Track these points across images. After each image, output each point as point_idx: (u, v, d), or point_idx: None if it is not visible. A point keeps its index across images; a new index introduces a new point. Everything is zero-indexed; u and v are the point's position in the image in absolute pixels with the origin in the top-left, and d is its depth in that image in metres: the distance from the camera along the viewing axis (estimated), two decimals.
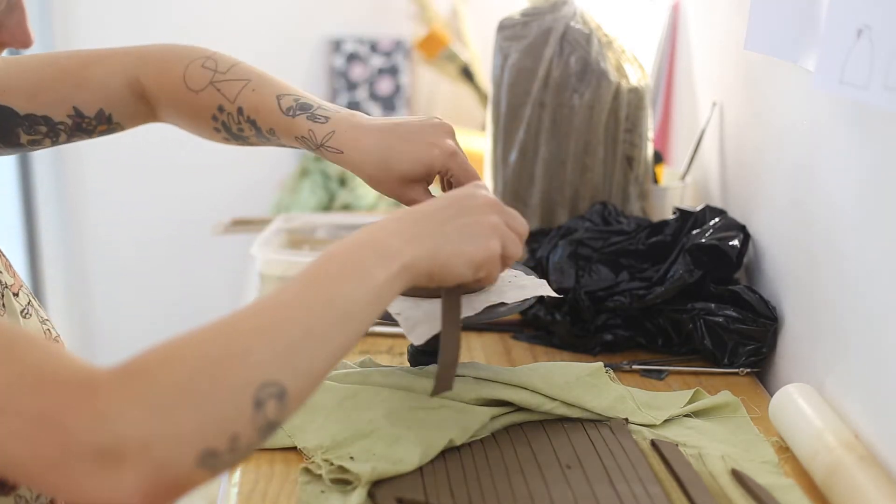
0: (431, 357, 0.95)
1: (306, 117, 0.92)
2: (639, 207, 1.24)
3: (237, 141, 0.99)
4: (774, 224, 1.07)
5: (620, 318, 1.09)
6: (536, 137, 1.21)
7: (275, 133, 0.94)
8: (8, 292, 0.82)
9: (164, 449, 0.55)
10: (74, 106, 0.95)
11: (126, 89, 0.97)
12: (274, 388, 0.59)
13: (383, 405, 0.86)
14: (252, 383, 0.58)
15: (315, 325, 0.63)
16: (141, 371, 0.57)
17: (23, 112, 0.93)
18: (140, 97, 0.98)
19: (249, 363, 0.59)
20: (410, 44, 2.35)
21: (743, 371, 1.03)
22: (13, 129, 0.93)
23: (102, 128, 0.98)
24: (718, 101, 1.28)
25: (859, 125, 0.86)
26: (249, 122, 0.95)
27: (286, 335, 0.61)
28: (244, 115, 0.95)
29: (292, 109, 0.93)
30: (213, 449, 0.56)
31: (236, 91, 0.94)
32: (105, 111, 0.96)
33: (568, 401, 0.89)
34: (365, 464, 0.79)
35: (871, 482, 0.75)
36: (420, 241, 0.71)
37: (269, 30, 2.37)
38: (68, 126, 0.95)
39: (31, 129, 0.94)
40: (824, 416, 0.84)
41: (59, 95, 0.94)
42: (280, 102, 0.93)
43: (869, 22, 0.76)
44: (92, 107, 0.96)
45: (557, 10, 1.22)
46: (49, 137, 0.95)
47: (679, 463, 0.83)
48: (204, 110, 0.96)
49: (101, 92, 0.96)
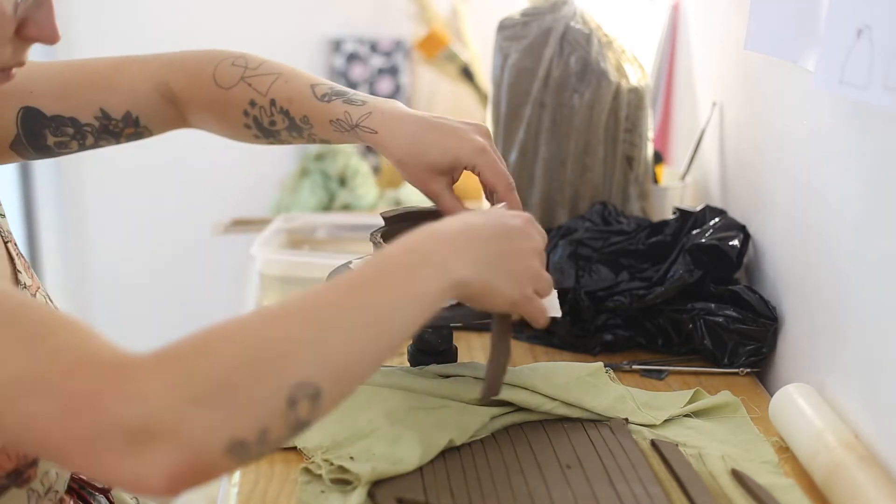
0: (431, 357, 0.96)
1: (342, 101, 0.93)
2: (639, 207, 1.24)
3: (267, 138, 0.98)
4: (774, 224, 1.07)
5: (620, 318, 1.09)
6: (536, 137, 1.21)
7: (308, 120, 0.94)
8: (26, 292, 0.83)
9: (194, 434, 0.55)
10: (101, 108, 0.95)
11: (155, 93, 0.97)
12: (310, 388, 0.59)
13: (383, 405, 0.86)
14: (288, 382, 0.59)
15: (360, 333, 0.62)
16: (178, 357, 0.57)
17: (50, 113, 0.94)
18: (169, 101, 0.98)
19: (288, 363, 0.59)
20: (410, 44, 2.35)
21: (743, 371, 1.03)
22: (40, 130, 0.94)
23: (129, 131, 0.98)
24: (718, 101, 1.28)
25: (859, 125, 0.86)
26: (282, 113, 0.95)
27: (329, 340, 0.61)
28: (277, 107, 0.95)
29: (327, 95, 0.94)
30: (242, 439, 0.57)
31: (268, 84, 0.95)
32: (132, 114, 0.97)
33: (568, 401, 0.89)
34: (365, 464, 0.79)
35: (871, 482, 0.75)
36: (474, 264, 0.70)
37: (269, 30, 2.37)
38: (95, 128, 0.96)
39: (58, 131, 0.95)
40: (824, 416, 0.84)
41: (85, 97, 0.95)
42: (314, 90, 0.94)
43: (869, 22, 0.76)
44: (119, 109, 0.96)
45: (557, 10, 1.22)
46: (76, 139, 0.96)
47: (679, 463, 0.83)
48: (235, 107, 0.96)
49: (129, 95, 0.96)
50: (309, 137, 0.97)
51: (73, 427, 0.55)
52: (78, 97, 0.95)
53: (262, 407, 0.58)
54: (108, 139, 0.98)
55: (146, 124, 0.99)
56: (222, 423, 0.56)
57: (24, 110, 0.93)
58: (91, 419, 0.54)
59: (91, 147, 0.98)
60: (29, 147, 0.95)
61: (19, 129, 0.93)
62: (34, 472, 0.76)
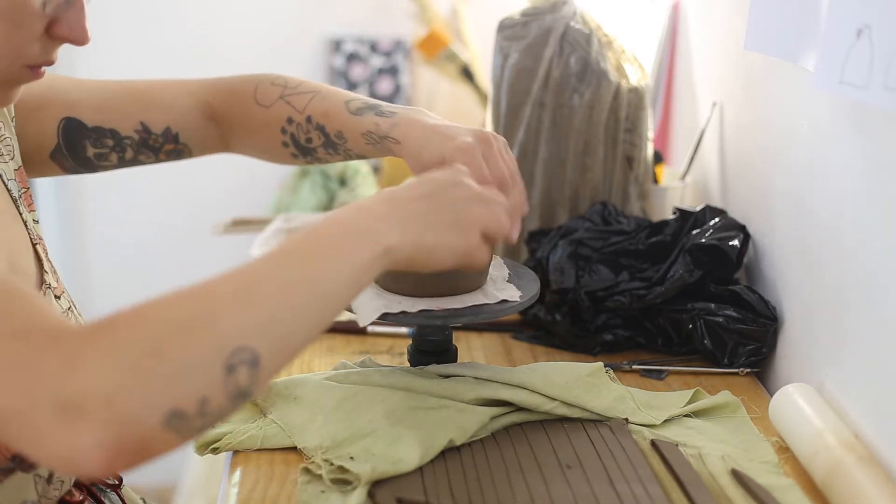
0: (431, 357, 0.96)
1: (374, 114, 0.95)
2: (639, 207, 1.24)
3: (305, 157, 1.00)
4: (774, 224, 1.07)
5: (620, 318, 1.09)
6: (536, 137, 1.21)
7: (343, 136, 0.96)
8: (50, 293, 0.84)
9: (128, 404, 0.54)
10: (142, 121, 0.97)
11: (196, 111, 1.00)
12: (246, 354, 0.59)
13: (383, 405, 0.86)
14: (224, 348, 0.58)
15: (293, 300, 0.63)
16: (110, 327, 0.57)
17: (90, 124, 0.96)
18: (210, 119, 1.00)
19: (221, 328, 0.59)
20: (410, 44, 2.35)
21: (743, 371, 1.03)
22: (80, 140, 0.96)
23: (169, 147, 0.99)
24: (718, 101, 1.28)
25: (859, 125, 0.86)
26: (318, 129, 0.97)
27: (262, 306, 0.61)
28: (313, 123, 0.97)
29: (360, 109, 0.95)
30: (180, 410, 0.56)
31: (305, 101, 0.97)
32: (172, 129, 0.99)
33: (568, 401, 0.89)
34: (365, 464, 0.79)
35: (871, 482, 0.75)
36: (404, 227, 0.71)
37: (269, 30, 2.37)
38: (135, 141, 0.98)
39: (98, 142, 0.96)
40: (824, 416, 0.84)
41: (126, 110, 0.97)
42: (348, 105, 0.96)
43: (869, 22, 0.76)
44: (160, 124, 0.98)
45: (557, 10, 1.22)
46: (115, 151, 0.97)
47: (679, 463, 0.83)
48: (273, 124, 0.98)
49: (170, 110, 0.99)
50: (345, 153, 0.98)
51: (11, 393, 0.54)
52: (118, 109, 0.97)
53: (198, 374, 0.57)
54: (148, 154, 0.99)
55: (186, 142, 1.00)
56: (157, 393, 0.55)
57: (66, 121, 0.95)
58: (24, 386, 0.54)
59: (130, 162, 0.99)
60: (69, 157, 0.96)
61: (60, 139, 0.95)
62: None
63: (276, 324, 0.61)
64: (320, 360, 1.06)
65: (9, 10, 0.71)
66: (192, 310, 0.59)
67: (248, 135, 1.01)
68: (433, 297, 0.89)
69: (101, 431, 0.53)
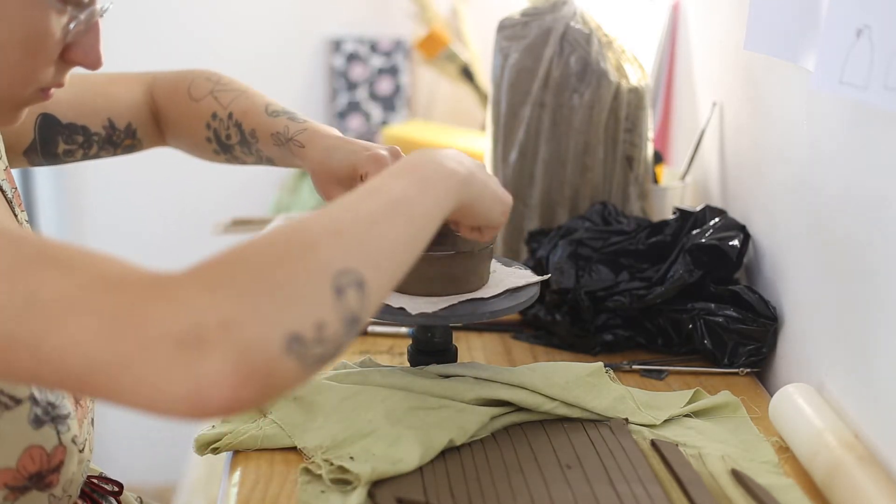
0: (431, 357, 0.96)
1: (287, 118, 0.99)
2: (639, 207, 1.24)
3: (224, 154, 1.04)
4: (774, 224, 1.07)
5: (620, 318, 1.09)
6: (536, 137, 1.21)
7: (255, 134, 1.00)
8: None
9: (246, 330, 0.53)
10: (109, 117, 1.01)
11: (146, 105, 1.04)
12: (352, 275, 0.59)
13: (383, 405, 0.86)
14: (329, 270, 0.58)
15: (387, 223, 0.64)
16: (209, 266, 0.56)
17: (65, 121, 0.99)
18: (153, 115, 1.05)
19: (322, 254, 0.59)
20: (410, 44, 2.35)
21: (743, 371, 1.03)
22: (54, 136, 0.98)
23: (128, 142, 1.04)
24: (718, 101, 1.28)
25: (859, 125, 0.86)
26: (236, 126, 1.01)
27: (358, 230, 0.62)
28: (233, 119, 1.01)
29: (276, 112, 1.00)
30: (298, 334, 0.55)
31: (230, 99, 1.01)
32: (132, 125, 1.03)
33: (568, 401, 0.89)
34: (365, 464, 0.79)
35: (871, 482, 0.75)
36: (471, 173, 0.77)
37: (269, 30, 2.37)
38: (101, 137, 1.01)
39: (69, 139, 0.99)
40: (824, 416, 0.84)
41: (96, 106, 1.00)
42: (267, 108, 1.00)
43: (869, 22, 0.76)
44: (123, 120, 1.02)
45: (557, 10, 1.22)
46: (82, 148, 1.00)
47: (679, 463, 0.83)
48: (200, 118, 1.02)
49: (131, 106, 1.03)
50: (257, 154, 1.02)
51: (119, 342, 0.52)
52: (89, 105, 1.00)
53: (309, 297, 0.56)
54: (108, 149, 1.03)
55: (141, 137, 1.05)
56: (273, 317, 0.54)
57: (42, 117, 0.97)
58: (136, 332, 0.52)
59: (93, 157, 1.02)
60: (40, 153, 0.98)
61: (36, 134, 0.97)
62: (56, 477, 0.77)
63: (373, 245, 0.62)
64: None
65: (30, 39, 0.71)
66: (291, 241, 0.59)
67: (179, 128, 1.04)
68: (434, 296, 0.89)
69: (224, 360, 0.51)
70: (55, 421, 0.76)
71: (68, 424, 0.77)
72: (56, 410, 0.76)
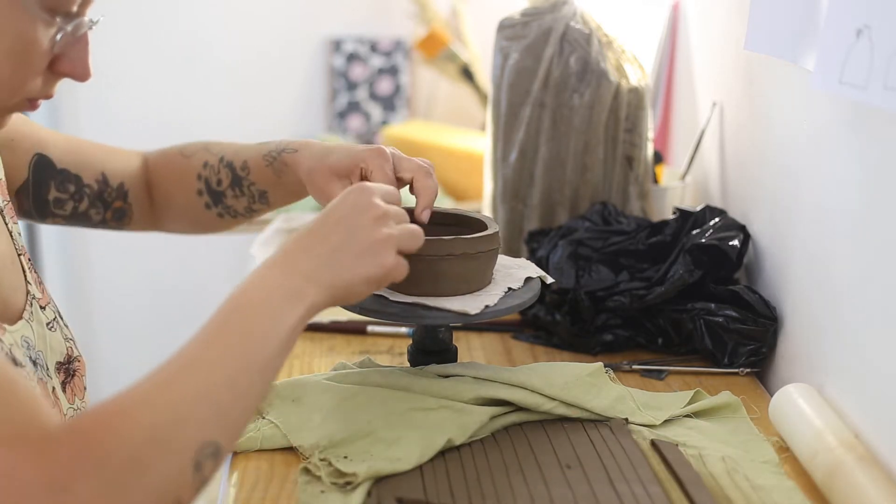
0: (431, 357, 0.96)
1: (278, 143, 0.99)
2: (639, 207, 1.24)
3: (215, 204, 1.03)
4: (774, 224, 1.07)
5: (620, 318, 1.09)
6: (536, 137, 1.21)
7: (246, 166, 1.00)
8: (36, 303, 0.84)
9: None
10: (103, 171, 1.02)
11: (140, 173, 1.05)
12: (211, 447, 0.62)
13: (382, 406, 0.86)
14: (193, 446, 0.61)
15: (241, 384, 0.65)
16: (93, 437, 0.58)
17: (59, 166, 0.98)
18: (147, 185, 1.06)
19: (189, 427, 0.61)
20: (410, 44, 2.35)
21: (743, 371, 1.03)
22: (47, 180, 0.98)
23: (118, 204, 1.03)
24: (718, 101, 1.28)
25: (859, 125, 0.86)
26: (227, 167, 1.01)
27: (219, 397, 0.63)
28: (224, 161, 1.02)
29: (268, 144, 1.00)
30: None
31: (223, 147, 1.03)
32: (125, 186, 1.04)
33: (568, 401, 0.89)
34: (361, 463, 0.79)
35: (871, 482, 0.75)
36: (318, 277, 0.72)
37: (269, 30, 2.37)
38: (93, 191, 1.01)
39: (61, 186, 0.99)
40: (824, 416, 0.84)
41: (92, 158, 1.01)
42: (260, 145, 1.01)
43: (869, 22, 0.76)
44: (117, 178, 1.03)
45: (557, 10, 1.22)
46: (73, 200, 1.00)
47: (679, 463, 0.83)
48: (191, 171, 1.03)
49: (126, 166, 1.04)
50: (248, 189, 1.01)
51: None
52: (85, 154, 1.00)
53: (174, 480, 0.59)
54: (98, 209, 1.02)
55: (132, 202, 1.05)
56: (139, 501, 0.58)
57: (38, 157, 0.97)
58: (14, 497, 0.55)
59: (79, 216, 1.01)
60: (31, 195, 0.97)
61: (30, 174, 0.97)
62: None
63: (230, 411, 0.64)
64: (320, 360, 1.06)
65: (17, 49, 0.71)
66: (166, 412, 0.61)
67: (170, 188, 1.05)
68: (435, 296, 0.89)
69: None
70: None
71: None
72: None
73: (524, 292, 0.92)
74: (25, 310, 0.82)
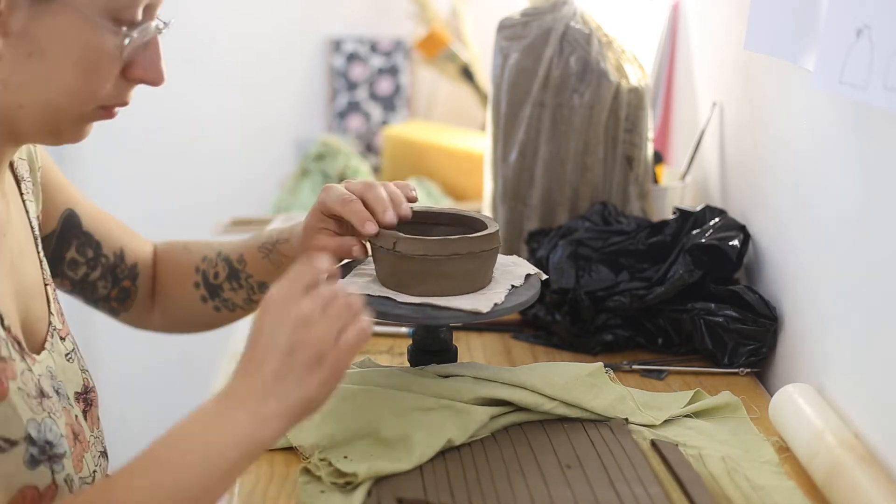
0: (431, 357, 0.95)
1: (269, 234, 1.01)
2: (639, 207, 1.24)
3: (213, 298, 1.04)
4: (774, 224, 1.07)
5: (620, 318, 1.09)
6: (536, 137, 1.21)
7: (243, 258, 1.01)
8: (56, 334, 0.84)
9: None
10: (122, 247, 1.03)
11: (150, 261, 1.06)
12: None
13: (382, 406, 0.86)
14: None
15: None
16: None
17: (85, 228, 0.99)
18: (153, 273, 1.07)
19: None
20: (410, 44, 2.35)
21: (743, 371, 1.03)
22: (71, 239, 0.99)
23: (126, 283, 1.04)
24: (718, 101, 1.28)
25: (859, 125, 0.86)
26: (224, 261, 1.03)
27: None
28: (221, 256, 1.03)
29: (260, 236, 1.02)
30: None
31: (221, 244, 1.04)
32: (137, 268, 1.05)
33: (568, 401, 0.89)
34: (361, 463, 0.79)
35: (871, 482, 0.75)
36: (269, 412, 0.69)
37: (269, 30, 2.37)
38: (108, 262, 1.02)
39: (81, 249, 0.99)
40: (824, 416, 0.84)
41: (114, 231, 1.02)
42: (253, 239, 1.02)
43: (869, 22, 0.76)
44: (132, 257, 1.04)
45: (557, 10, 1.22)
46: (87, 266, 1.00)
47: (679, 463, 0.83)
48: (190, 265, 1.04)
49: (141, 249, 1.06)
50: (246, 282, 1.02)
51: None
52: (109, 227, 1.02)
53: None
54: (107, 281, 1.03)
55: (139, 285, 1.05)
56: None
57: (69, 213, 0.98)
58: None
59: (87, 284, 1.01)
60: (52, 249, 0.97)
61: (59, 227, 0.97)
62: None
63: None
64: None
65: (85, 59, 0.73)
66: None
67: (169, 279, 1.06)
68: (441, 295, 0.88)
69: None
70: (51, 460, 0.75)
71: (63, 464, 0.76)
72: (53, 450, 0.75)
73: (527, 289, 0.92)
74: (47, 340, 0.83)
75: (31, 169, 0.90)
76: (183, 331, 1.11)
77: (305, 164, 2.12)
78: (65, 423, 0.78)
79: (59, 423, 0.76)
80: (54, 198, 0.96)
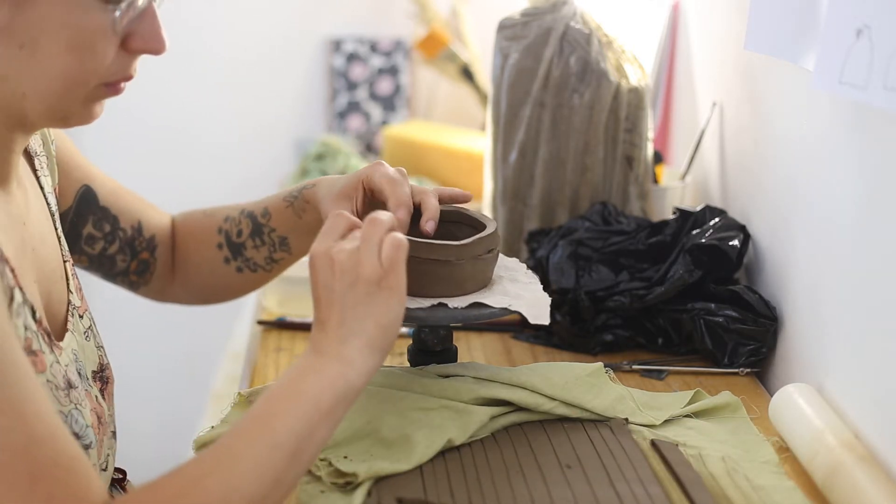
0: (431, 357, 0.95)
1: (296, 185, 1.01)
2: (639, 207, 1.24)
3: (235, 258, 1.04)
4: (774, 224, 1.07)
5: (620, 318, 1.09)
6: (536, 137, 1.21)
7: (267, 212, 1.01)
8: (76, 312, 0.84)
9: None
10: (140, 220, 1.03)
11: (169, 231, 1.06)
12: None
13: (382, 406, 0.86)
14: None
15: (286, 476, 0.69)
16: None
17: (102, 203, 0.99)
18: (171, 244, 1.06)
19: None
20: (410, 44, 2.35)
21: (743, 371, 1.03)
22: (87, 214, 0.98)
23: (145, 255, 1.04)
24: (718, 101, 1.28)
25: (859, 125, 0.86)
26: (248, 217, 1.02)
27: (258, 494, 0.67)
28: (245, 213, 1.03)
29: (288, 188, 1.01)
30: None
31: (245, 203, 1.04)
32: (155, 240, 1.04)
33: (568, 401, 0.89)
34: (361, 463, 0.79)
35: (871, 482, 0.75)
36: (353, 358, 0.73)
37: (269, 30, 2.36)
38: (126, 236, 1.01)
39: (98, 224, 0.99)
40: (824, 416, 0.84)
41: (132, 205, 1.02)
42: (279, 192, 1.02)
43: (869, 22, 0.76)
44: (150, 229, 1.04)
45: (557, 10, 1.22)
46: (105, 240, 1.00)
47: (679, 463, 0.83)
48: (212, 226, 1.04)
49: (160, 220, 1.05)
50: (269, 238, 1.02)
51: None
52: (126, 200, 1.02)
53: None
54: (126, 254, 1.02)
55: (157, 257, 1.05)
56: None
57: (85, 188, 0.98)
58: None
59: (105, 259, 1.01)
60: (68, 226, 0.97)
61: (75, 203, 0.97)
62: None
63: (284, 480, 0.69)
64: None
65: (79, 40, 0.72)
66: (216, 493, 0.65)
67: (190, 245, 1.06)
68: (436, 296, 0.89)
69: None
70: None
71: (89, 454, 0.76)
72: (80, 441, 0.75)
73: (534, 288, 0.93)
74: (68, 321, 0.83)
75: (43, 143, 0.89)
76: (203, 300, 1.10)
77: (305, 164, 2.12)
78: (90, 410, 0.78)
79: (85, 413, 0.77)
80: (70, 174, 0.96)
